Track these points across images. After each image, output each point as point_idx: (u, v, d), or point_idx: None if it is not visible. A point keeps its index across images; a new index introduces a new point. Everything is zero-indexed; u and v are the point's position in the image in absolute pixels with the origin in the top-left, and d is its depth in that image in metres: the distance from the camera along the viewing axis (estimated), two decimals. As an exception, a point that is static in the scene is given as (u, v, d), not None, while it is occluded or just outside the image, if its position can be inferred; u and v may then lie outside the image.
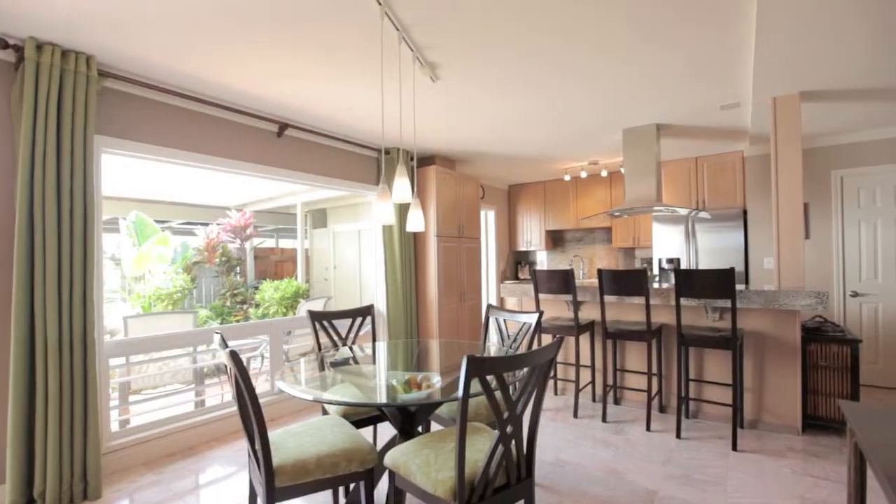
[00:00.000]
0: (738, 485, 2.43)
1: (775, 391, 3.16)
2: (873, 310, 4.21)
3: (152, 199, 7.06)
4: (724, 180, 4.94)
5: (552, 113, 3.68)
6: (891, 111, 3.63)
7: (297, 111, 3.50)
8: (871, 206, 4.24)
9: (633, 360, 3.75)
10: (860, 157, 4.26)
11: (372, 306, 2.97)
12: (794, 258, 3.18)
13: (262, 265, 8.80)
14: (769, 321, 3.17)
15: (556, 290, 3.58)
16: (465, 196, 5.21)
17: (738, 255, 4.76)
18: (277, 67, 2.72)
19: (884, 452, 1.27)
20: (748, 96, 3.29)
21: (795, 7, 2.11)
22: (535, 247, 6.77)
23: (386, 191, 2.25)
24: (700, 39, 2.48)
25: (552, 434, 3.17)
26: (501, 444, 1.47)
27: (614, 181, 5.97)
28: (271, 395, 3.61)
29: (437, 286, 4.70)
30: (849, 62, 2.71)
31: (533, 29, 2.34)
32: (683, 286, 2.98)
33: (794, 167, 3.19)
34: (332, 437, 1.80)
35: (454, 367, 2.19)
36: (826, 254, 4.40)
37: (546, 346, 1.56)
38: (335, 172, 4.21)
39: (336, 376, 2.11)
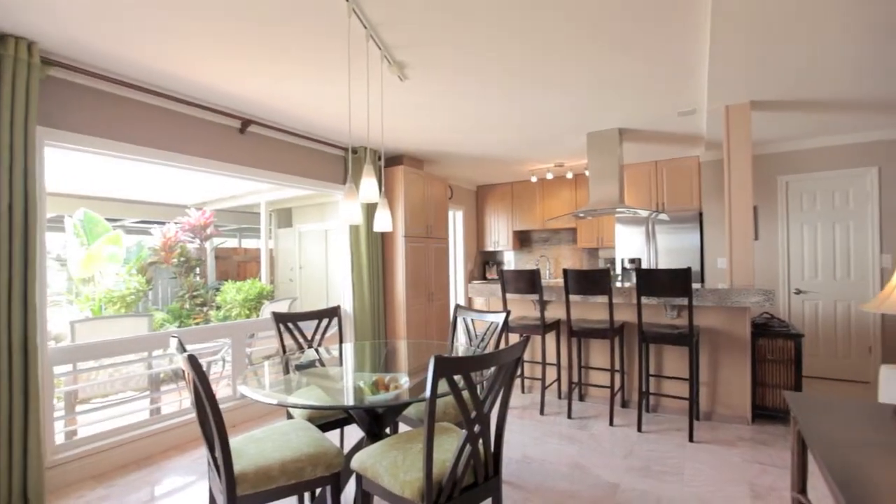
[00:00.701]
0: (693, 474, 2.54)
1: (728, 384, 3.33)
2: (814, 306, 4.51)
3: (103, 197, 6.68)
4: (681, 184, 5.16)
5: (519, 115, 3.73)
6: (831, 122, 3.89)
7: (261, 107, 3.40)
8: (811, 210, 4.54)
9: (597, 357, 3.86)
10: (803, 164, 4.55)
11: (339, 307, 2.92)
12: (745, 258, 3.36)
13: (223, 266, 8.49)
14: (722, 318, 3.34)
15: (523, 290, 3.64)
16: (434, 196, 5.21)
17: (695, 255, 4.99)
18: (240, 61, 2.64)
19: (822, 438, 1.36)
20: (703, 104, 3.45)
21: (746, 23, 2.23)
22: (502, 247, 6.85)
23: (353, 190, 2.22)
24: (660, 49, 2.58)
25: (519, 431, 3.22)
26: (469, 443, 1.48)
27: (579, 183, 6.13)
28: (233, 400, 3.49)
29: (405, 286, 4.68)
30: (795, 76, 2.89)
31: (500, 33, 2.37)
32: (644, 285, 3.09)
33: (745, 172, 3.37)
34: (297, 442, 1.75)
35: (422, 367, 2.19)
36: (773, 254, 4.67)
37: (513, 345, 1.58)
38: (301, 171, 4.12)
39: (301, 379, 2.07)
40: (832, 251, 4.44)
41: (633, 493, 2.36)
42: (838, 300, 4.40)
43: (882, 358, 4.19)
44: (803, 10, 2.14)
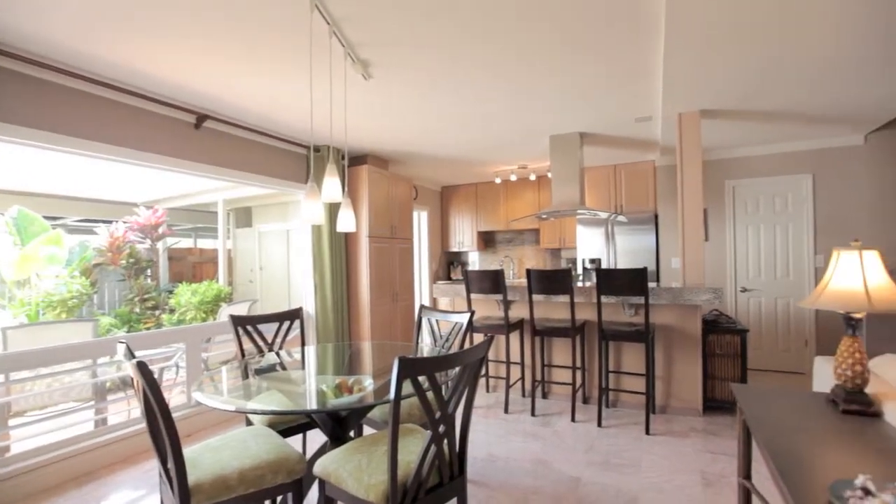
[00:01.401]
0: (650, 465, 2.65)
1: (681, 378, 3.49)
2: (758, 303, 4.81)
3: (41, 193, 6.21)
4: (638, 187, 5.37)
5: (484, 117, 3.77)
6: (772, 131, 4.16)
7: (219, 102, 3.27)
8: (755, 213, 4.84)
9: (560, 355, 3.96)
10: (748, 170, 4.85)
11: (300, 309, 2.85)
12: (696, 258, 3.54)
13: (177, 267, 8.09)
14: (676, 315, 3.50)
15: (487, 290, 3.67)
16: (398, 196, 5.18)
17: (651, 255, 5.20)
18: (196, 54, 2.52)
19: (764, 427, 1.45)
20: (658, 111, 3.61)
21: (696, 39, 2.35)
22: (467, 247, 6.90)
23: (315, 189, 2.17)
24: (619, 57, 2.68)
25: (484, 430, 3.25)
26: (434, 443, 1.48)
27: (542, 185, 6.26)
28: (188, 407, 3.34)
29: (368, 287, 4.62)
30: (740, 88, 3.07)
31: (466, 34, 2.39)
32: (603, 285, 3.20)
33: (696, 176, 3.55)
34: (257, 449, 1.69)
35: (387, 369, 2.17)
36: (721, 254, 4.95)
37: (477, 345, 1.59)
38: (260, 169, 3.99)
39: (261, 384, 2.00)
40: (773, 252, 4.75)
41: (594, 487, 2.43)
42: (779, 297, 4.72)
43: (816, 350, 4.52)
44: (747, 32, 2.28)
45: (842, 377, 1.57)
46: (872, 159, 4.37)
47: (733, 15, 2.18)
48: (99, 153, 2.82)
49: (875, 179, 4.35)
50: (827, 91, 3.18)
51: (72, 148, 2.68)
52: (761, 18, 2.21)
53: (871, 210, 4.36)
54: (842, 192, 4.48)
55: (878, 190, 4.34)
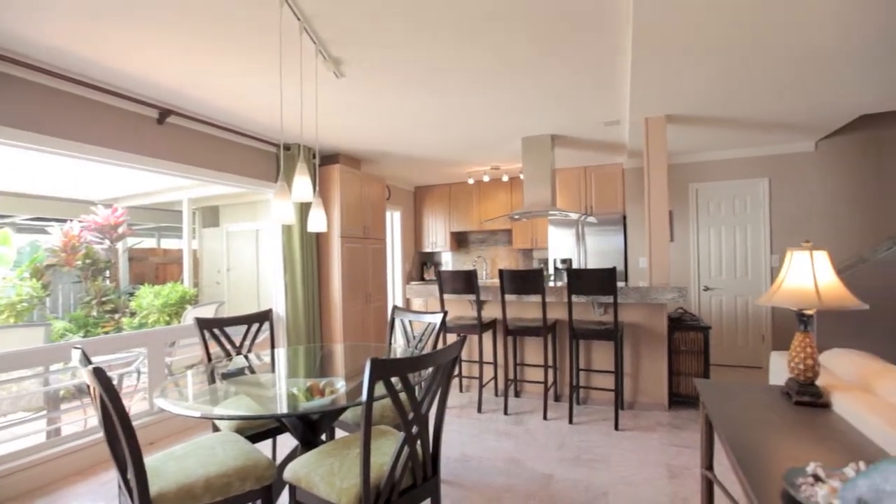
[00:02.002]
0: (619, 460, 2.72)
1: (648, 375, 3.60)
2: (719, 301, 5.01)
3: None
4: (607, 189, 5.51)
5: (458, 118, 3.79)
6: (733, 137, 4.35)
7: (183, 97, 3.16)
8: (717, 215, 5.05)
9: (532, 354, 4.01)
10: (711, 173, 5.05)
11: (270, 311, 2.78)
12: (662, 258, 3.66)
13: (139, 268, 7.76)
14: (643, 314, 3.61)
15: (460, 291, 3.68)
16: (371, 196, 5.14)
17: (620, 255, 5.35)
18: (159, 46, 2.42)
19: (725, 420, 1.51)
20: (626, 116, 3.71)
21: (662, 48, 2.43)
22: (440, 248, 6.90)
23: (285, 189, 2.12)
24: (590, 62, 2.74)
25: (458, 430, 3.26)
26: (407, 445, 1.47)
27: (514, 186, 6.33)
28: (150, 414, 3.20)
29: (340, 288, 4.56)
30: (703, 95, 3.20)
31: (440, 36, 2.39)
32: (574, 284, 3.26)
33: (661, 179, 3.67)
34: (224, 456, 1.64)
35: (359, 370, 2.14)
36: (685, 254, 5.13)
37: (450, 345, 1.59)
38: (228, 167, 3.87)
39: (229, 388, 1.94)
40: (733, 252, 4.97)
41: (566, 483, 2.47)
42: (738, 295, 4.93)
43: (773, 345, 4.75)
44: (708, 45, 2.38)
45: (795, 371, 1.66)
46: (822, 165, 4.63)
47: (696, 29, 2.27)
48: (52, 148, 2.67)
49: (825, 184, 4.62)
50: (781, 101, 3.35)
51: (21, 142, 2.53)
52: (722, 34, 2.31)
53: (822, 212, 4.63)
54: (795, 196, 4.73)
55: (828, 193, 4.60)
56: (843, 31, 2.32)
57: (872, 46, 2.50)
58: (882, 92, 3.22)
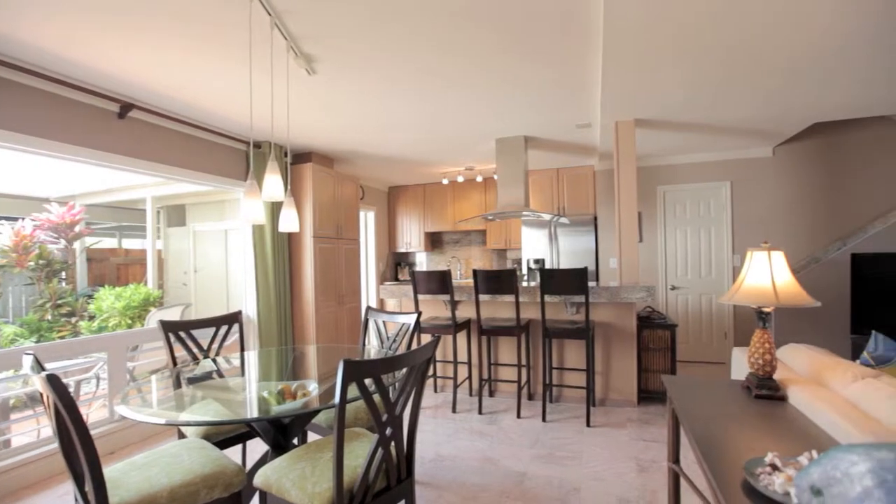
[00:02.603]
0: (590, 456, 2.78)
1: (618, 372, 3.70)
2: (685, 300, 5.19)
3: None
4: (579, 190, 5.62)
5: (432, 119, 3.78)
6: (698, 141, 4.51)
7: (146, 90, 3.03)
8: (683, 216, 5.23)
9: (506, 353, 4.05)
10: (677, 176, 5.23)
11: (240, 313, 2.71)
12: (631, 259, 3.76)
13: (98, 269, 7.40)
14: (614, 313, 3.70)
15: (434, 291, 3.68)
16: (344, 196, 5.07)
17: (591, 256, 5.46)
18: (119, 35, 2.32)
19: (690, 414, 1.57)
20: (597, 119, 3.79)
21: (631, 55, 2.50)
22: (414, 248, 6.88)
23: (255, 187, 2.07)
24: (563, 66, 2.78)
25: (432, 431, 3.26)
26: (381, 447, 1.46)
27: (488, 187, 6.38)
28: (111, 422, 3.06)
29: (313, 289, 4.48)
30: (670, 101, 3.30)
31: (414, 36, 2.38)
32: (546, 284, 3.31)
33: (631, 181, 3.77)
34: (190, 463, 1.59)
35: (332, 372, 2.11)
36: (653, 254, 5.29)
37: (423, 346, 1.59)
38: (195, 164, 3.75)
39: (196, 393, 1.88)
40: (698, 252, 5.16)
41: (539, 480, 2.51)
42: (702, 294, 5.12)
43: (734, 341, 4.96)
44: (675, 53, 2.46)
45: (754, 366, 1.73)
46: (780, 169, 4.86)
47: (665, 39, 2.35)
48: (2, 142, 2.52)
49: (782, 187, 4.85)
50: (742, 108, 3.50)
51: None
52: (689, 45, 2.40)
53: (779, 214, 4.86)
54: (755, 198, 4.95)
55: (785, 196, 4.84)
56: (798, 45, 2.44)
57: (824, 59, 2.64)
58: (833, 101, 3.41)
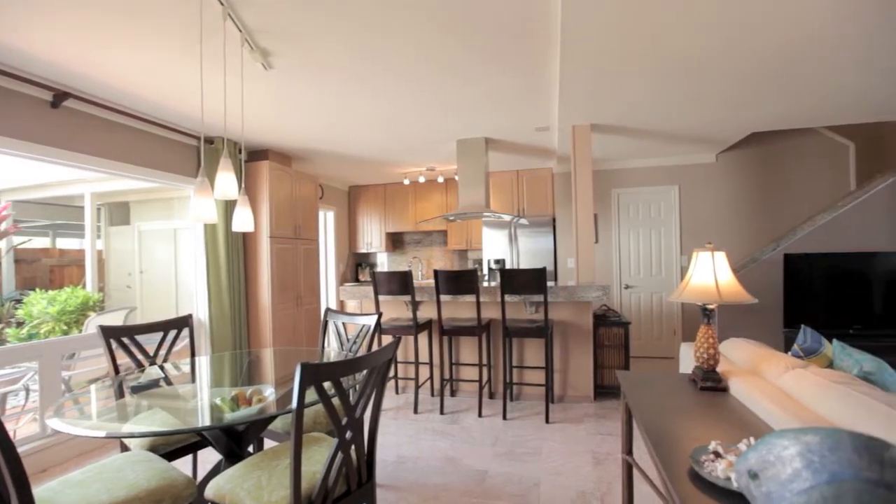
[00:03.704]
0: (549, 451, 2.85)
1: (576, 369, 3.81)
2: (638, 298, 5.43)
3: None
4: (538, 192, 5.75)
5: (394, 118, 3.76)
6: (650, 147, 4.73)
7: (84, 78, 2.83)
8: (636, 218, 5.47)
9: (467, 353, 4.08)
10: (630, 180, 5.46)
11: (190, 316, 2.58)
12: (588, 259, 3.89)
13: (28, 271, 6.82)
14: (571, 312, 3.81)
15: (395, 292, 3.66)
16: (303, 195, 4.94)
17: (550, 256, 5.60)
18: (52, 15, 2.15)
19: (642, 407, 1.64)
20: (555, 123, 3.90)
21: (588, 62, 2.58)
22: (375, 248, 6.81)
23: (206, 185, 1.98)
24: (522, 70, 2.84)
25: (394, 433, 3.23)
26: (340, 451, 1.43)
27: (449, 187, 6.41)
28: (43, 437, 2.83)
29: (270, 291, 4.34)
30: (626, 107, 3.44)
31: (375, 35, 2.35)
32: (507, 284, 3.36)
33: (587, 184, 3.90)
34: (135, 477, 1.49)
35: (290, 376, 2.05)
36: (609, 255, 5.50)
37: (384, 347, 1.57)
38: (140, 159, 3.53)
39: (141, 402, 1.77)
40: (650, 252, 5.41)
41: (500, 478, 2.54)
42: (654, 292, 5.38)
43: (682, 337, 5.23)
44: (628, 63, 2.57)
45: (699, 360, 1.84)
46: (722, 175, 5.18)
47: (620, 47, 2.44)
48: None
49: (724, 192, 5.18)
50: (688, 117, 3.71)
51: None
52: (640, 54, 2.51)
53: (722, 217, 5.18)
54: (701, 201, 5.25)
55: (727, 200, 5.17)
56: (741, 62, 2.61)
57: (763, 76, 2.84)
58: (767, 112, 3.67)
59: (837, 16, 2.18)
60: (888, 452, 0.76)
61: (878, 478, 0.74)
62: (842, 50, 2.55)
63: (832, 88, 3.15)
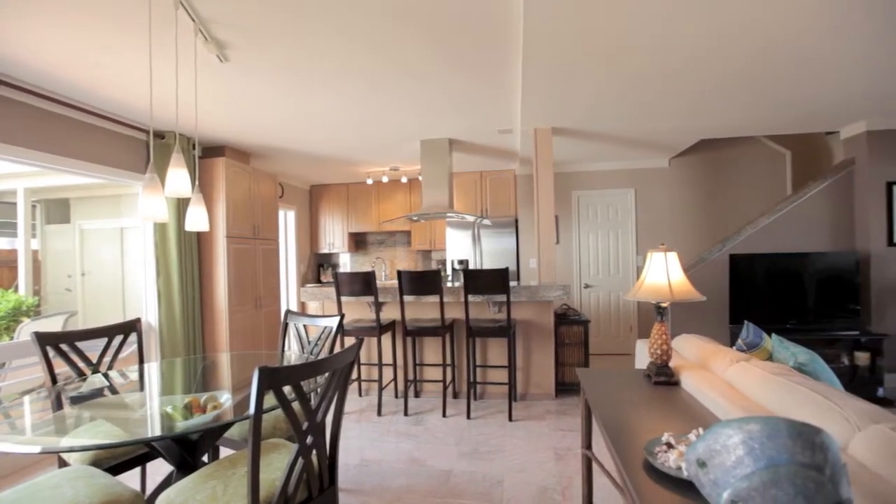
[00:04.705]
0: (512, 449, 2.89)
1: (538, 367, 3.89)
2: (596, 297, 5.61)
3: None
4: (501, 193, 5.84)
5: (356, 117, 3.70)
6: (608, 151, 4.90)
7: (13, 62, 2.60)
8: (595, 220, 5.65)
9: (431, 354, 4.08)
10: (589, 182, 5.64)
11: (138, 321, 2.44)
12: (549, 259, 3.98)
13: (-49, 274, 6.24)
14: (533, 311, 3.89)
15: (358, 293, 3.61)
16: (262, 194, 4.79)
17: (512, 256, 5.70)
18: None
19: (600, 402, 1.70)
20: (518, 125, 3.97)
21: (549, 68, 2.64)
22: (338, 249, 6.69)
23: (156, 182, 1.88)
24: (486, 73, 2.86)
25: (357, 436, 3.18)
26: (301, 457, 1.39)
27: (413, 188, 6.39)
28: (-32, 454, 2.60)
29: (227, 293, 4.17)
30: (585, 111, 3.55)
31: (338, 35, 2.31)
32: (470, 284, 3.39)
33: (548, 186, 3.99)
34: (74, 495, 1.39)
35: (247, 381, 1.98)
36: (569, 255, 5.65)
37: (345, 349, 1.55)
38: (81, 153, 3.31)
39: (83, 414, 1.66)
40: (608, 253, 5.60)
41: (464, 476, 2.56)
42: (612, 291, 5.57)
43: (638, 334, 5.45)
44: (586, 71, 2.65)
45: (653, 355, 1.92)
46: (675, 179, 5.45)
47: (580, 55, 2.52)
48: None
49: (676, 195, 5.44)
50: (643, 123, 3.87)
51: None
52: (599, 62, 2.59)
53: (675, 219, 5.44)
54: (655, 204, 5.49)
55: (679, 203, 5.44)
56: (693, 71, 2.75)
57: (714, 84, 3.00)
58: (716, 121, 3.89)
59: (793, 35, 2.33)
60: (818, 437, 0.82)
61: (810, 461, 0.80)
62: (794, 66, 2.76)
63: (775, 101, 3.38)
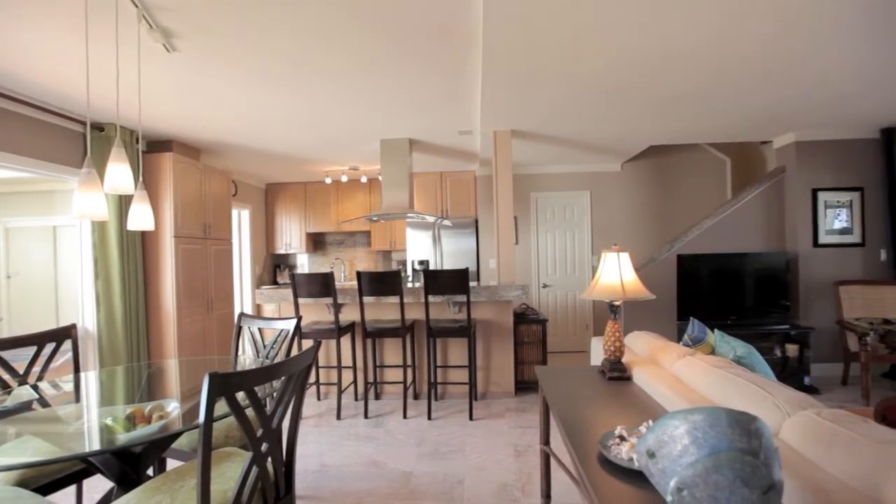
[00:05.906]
0: (473, 448, 2.91)
1: (498, 366, 3.95)
2: (554, 296, 5.76)
3: None
4: (461, 194, 5.88)
5: (312, 115, 3.61)
6: (565, 154, 5.04)
7: (-70, 48, 2.36)
8: (552, 221, 5.80)
9: (391, 355, 4.05)
10: (547, 184, 5.78)
11: (74, 327, 2.26)
12: (508, 259, 4.05)
13: None
14: (493, 311, 3.94)
15: (316, 294, 3.52)
16: (213, 191, 4.58)
17: (472, 256, 5.75)
18: None
19: (557, 399, 1.74)
20: (478, 127, 4.01)
21: (509, 69, 2.68)
22: (295, 249, 6.51)
23: (94, 177, 1.75)
24: (446, 74, 2.87)
25: (315, 441, 3.11)
26: (256, 465, 1.34)
27: (373, 187, 6.32)
28: None
29: (174, 295, 3.95)
30: (542, 115, 3.64)
31: (297, 31, 2.25)
32: (430, 285, 3.39)
33: (508, 187, 4.06)
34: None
35: (198, 389, 1.88)
36: (528, 255, 5.77)
37: (302, 352, 1.51)
38: (6, 145, 3.03)
39: (7, 430, 1.52)
40: (565, 253, 5.77)
41: (425, 477, 2.55)
42: (569, 290, 5.74)
43: (594, 332, 5.65)
44: (549, 74, 2.72)
45: (607, 352, 1.99)
46: (626, 182, 5.69)
47: (537, 61, 2.57)
48: None
49: (628, 197, 5.69)
50: (599, 129, 4.02)
51: None
52: (556, 68, 2.67)
53: (627, 221, 5.69)
54: (608, 206, 5.71)
55: (631, 205, 5.68)
56: (649, 84, 2.88)
57: (667, 96, 3.16)
58: (664, 128, 4.09)
59: (736, 62, 2.49)
60: (753, 424, 0.88)
61: (747, 447, 0.86)
62: (730, 86, 2.96)
63: (714, 114, 3.61)
